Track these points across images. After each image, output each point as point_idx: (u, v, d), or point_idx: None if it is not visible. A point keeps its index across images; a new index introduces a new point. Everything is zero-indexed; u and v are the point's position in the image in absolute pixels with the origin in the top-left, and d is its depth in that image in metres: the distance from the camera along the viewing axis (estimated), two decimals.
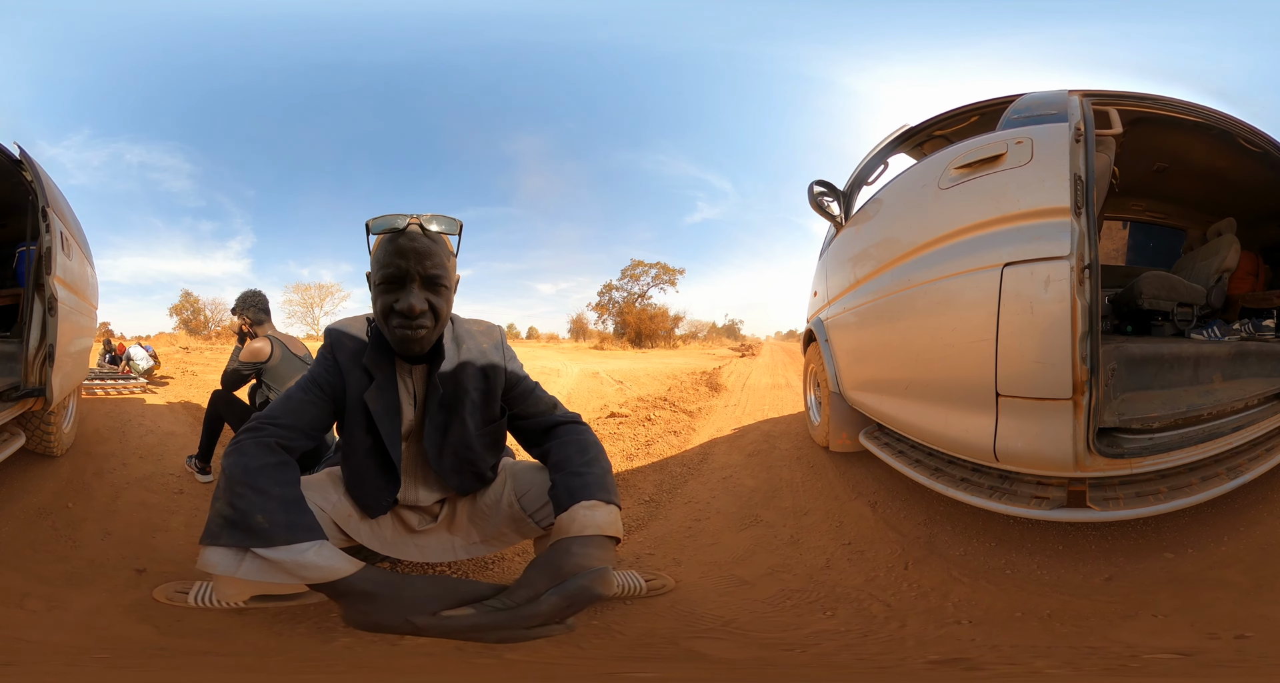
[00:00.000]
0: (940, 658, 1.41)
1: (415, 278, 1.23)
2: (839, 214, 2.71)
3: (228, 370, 2.71)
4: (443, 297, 1.27)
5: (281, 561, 1.06)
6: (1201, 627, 1.44)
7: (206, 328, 20.34)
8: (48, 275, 2.26)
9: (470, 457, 1.44)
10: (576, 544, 1.10)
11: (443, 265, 1.25)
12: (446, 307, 1.28)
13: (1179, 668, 1.32)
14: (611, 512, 1.18)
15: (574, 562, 1.06)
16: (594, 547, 1.10)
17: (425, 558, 1.52)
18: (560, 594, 1.02)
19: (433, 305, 1.25)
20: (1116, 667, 1.32)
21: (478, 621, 1.01)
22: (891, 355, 2.22)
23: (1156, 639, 1.40)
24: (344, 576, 1.05)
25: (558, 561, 1.07)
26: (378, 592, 1.03)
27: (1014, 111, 1.89)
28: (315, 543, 1.08)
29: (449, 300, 1.29)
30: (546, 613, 1.01)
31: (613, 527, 1.16)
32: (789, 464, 2.91)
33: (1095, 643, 1.41)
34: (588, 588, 1.03)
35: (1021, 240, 1.61)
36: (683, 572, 1.95)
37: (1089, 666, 1.35)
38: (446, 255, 1.26)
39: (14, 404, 2.18)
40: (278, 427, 1.24)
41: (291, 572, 1.06)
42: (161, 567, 1.81)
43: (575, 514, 1.16)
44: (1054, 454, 1.58)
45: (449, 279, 1.28)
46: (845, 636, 1.54)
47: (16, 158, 2.39)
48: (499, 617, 1.00)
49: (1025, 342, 1.59)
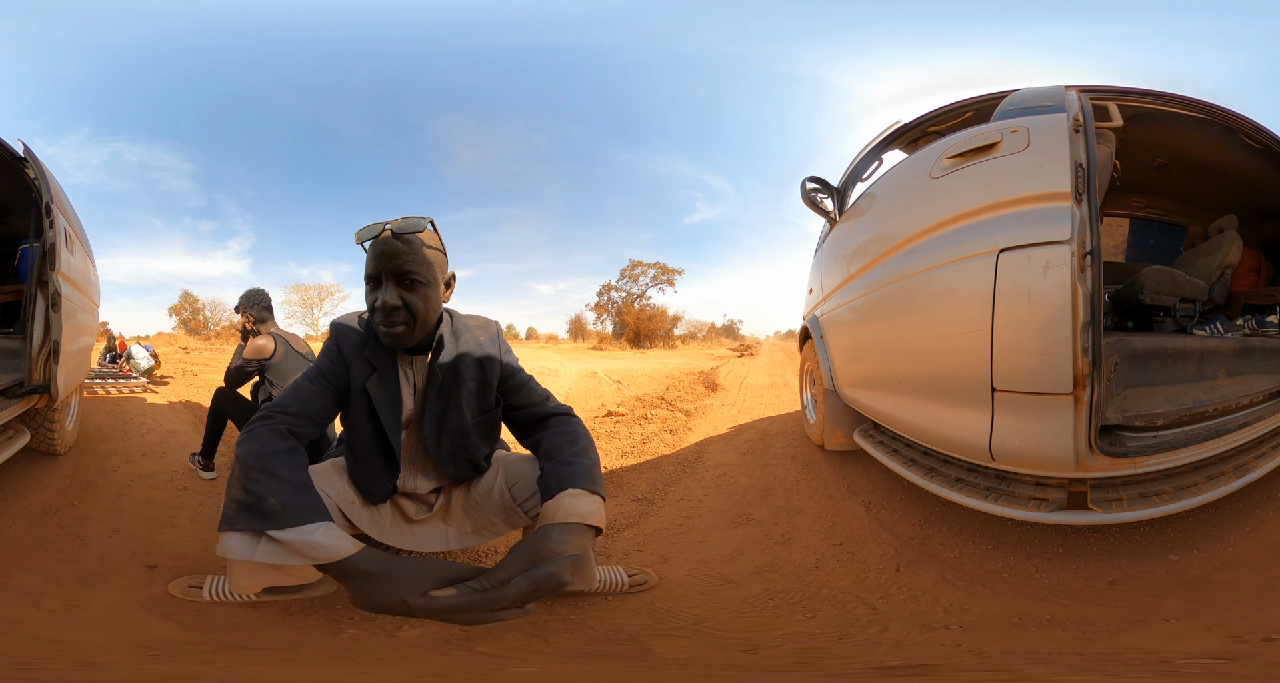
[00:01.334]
0: (903, 663, 1.36)
1: (390, 277, 1.30)
2: (832, 210, 2.67)
3: (231, 367, 2.73)
4: (418, 293, 1.32)
5: (292, 541, 1.10)
6: (1221, 630, 1.37)
7: (206, 328, 20.31)
8: (51, 272, 2.26)
9: (466, 444, 1.50)
10: (556, 531, 1.13)
11: (414, 262, 1.30)
12: (423, 302, 1.32)
13: (1221, 671, 1.25)
14: (595, 501, 1.21)
15: (550, 548, 1.09)
16: (572, 535, 1.13)
17: (421, 547, 1.57)
18: (528, 579, 1.05)
19: (407, 302, 1.31)
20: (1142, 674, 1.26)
21: (454, 601, 1.04)
22: (884, 350, 2.16)
23: (1177, 644, 1.33)
24: (347, 555, 1.09)
25: (535, 546, 1.10)
26: (377, 572, 1.07)
27: (1009, 104, 1.84)
28: (322, 524, 1.12)
29: (425, 296, 1.33)
30: (513, 597, 1.04)
31: (595, 516, 1.18)
32: (784, 462, 2.86)
33: (1104, 649, 1.34)
34: (555, 575, 1.06)
35: (1018, 226, 1.54)
36: (669, 569, 1.91)
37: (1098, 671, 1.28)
38: (420, 254, 1.31)
39: (19, 400, 2.19)
40: (287, 414, 1.30)
41: (302, 552, 1.10)
42: (171, 562, 1.83)
43: (560, 502, 1.19)
44: (1053, 453, 1.51)
45: (423, 274, 1.32)
46: (818, 638, 1.50)
47: (20, 155, 2.39)
48: (472, 598, 1.04)
49: (1022, 332, 1.51)
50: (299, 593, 1.60)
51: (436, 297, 1.36)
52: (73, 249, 2.58)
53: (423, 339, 1.40)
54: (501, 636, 1.49)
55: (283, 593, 1.58)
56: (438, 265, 1.36)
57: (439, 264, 1.37)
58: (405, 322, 1.32)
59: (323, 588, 1.62)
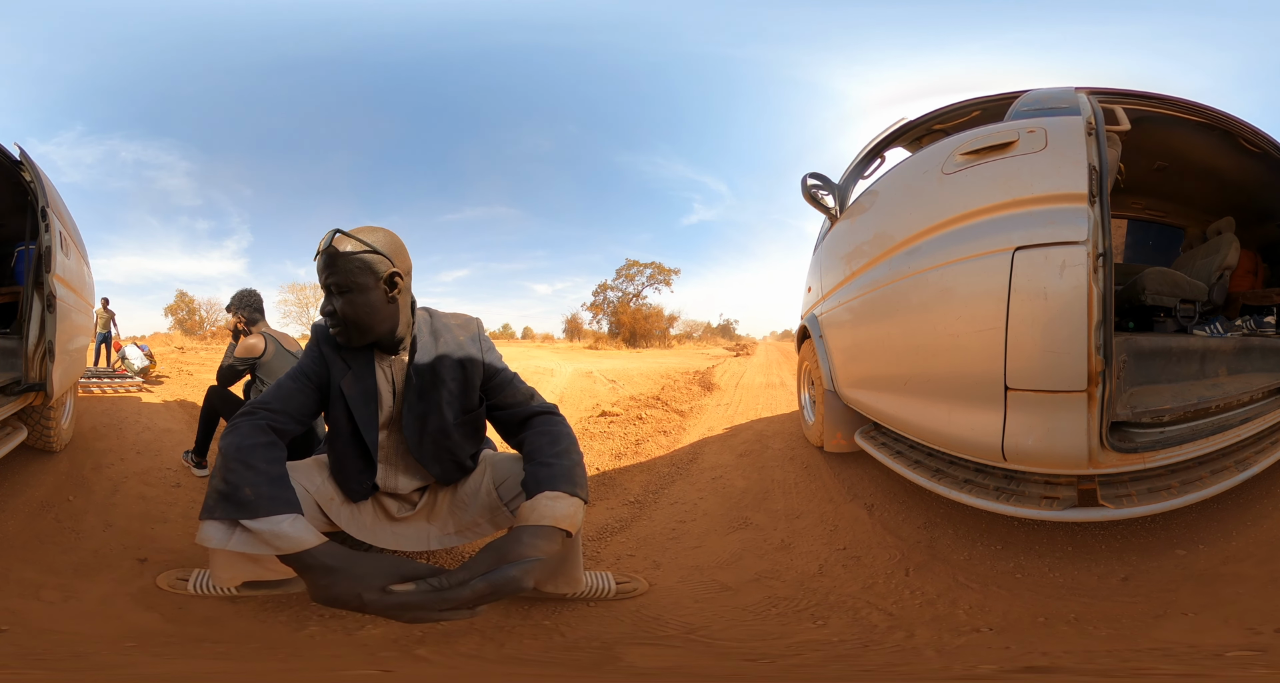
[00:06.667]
0: (1022, 667, 1.32)
1: (326, 287, 1.37)
2: (833, 207, 2.64)
3: (223, 366, 2.78)
4: (345, 299, 1.35)
5: (261, 531, 1.13)
6: (1236, 623, 1.38)
7: (202, 328, 20.02)
8: (47, 274, 2.32)
9: (449, 445, 1.51)
10: (527, 533, 1.14)
11: (337, 273, 1.34)
12: (350, 307, 1.35)
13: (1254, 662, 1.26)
14: (573, 503, 1.21)
15: (517, 550, 1.10)
16: (541, 538, 1.13)
17: (401, 546, 1.57)
18: (486, 581, 1.05)
19: (338, 308, 1.36)
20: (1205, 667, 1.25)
21: (406, 599, 1.05)
22: (889, 350, 2.14)
23: (1203, 638, 1.33)
24: (308, 547, 1.11)
25: (504, 547, 1.11)
26: (336, 566, 1.09)
27: (1022, 104, 1.85)
28: (290, 516, 1.14)
29: (353, 302, 1.35)
30: (467, 598, 1.04)
31: (568, 519, 1.18)
32: (782, 465, 2.83)
33: (1144, 645, 1.34)
34: (515, 579, 1.06)
35: (1035, 224, 1.53)
36: (661, 575, 1.87)
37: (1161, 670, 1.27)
38: (343, 263, 1.34)
39: (16, 398, 2.25)
40: (269, 411, 1.34)
41: (268, 542, 1.12)
42: (162, 556, 1.88)
43: (536, 503, 1.20)
44: (1066, 451, 1.51)
45: (347, 282, 1.34)
46: (838, 646, 1.46)
47: (16, 158, 2.43)
48: (425, 597, 1.04)
49: (1038, 331, 1.51)
50: (279, 589, 1.62)
51: (369, 299, 1.36)
52: (68, 251, 2.63)
53: (388, 339, 1.42)
54: (458, 638, 1.48)
55: (262, 588, 1.61)
56: (370, 268, 1.35)
57: (373, 266, 1.35)
58: (337, 325, 1.38)
59: (300, 585, 1.61)
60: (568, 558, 1.51)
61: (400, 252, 1.40)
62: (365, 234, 1.36)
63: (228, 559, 1.33)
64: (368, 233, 1.36)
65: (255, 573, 1.36)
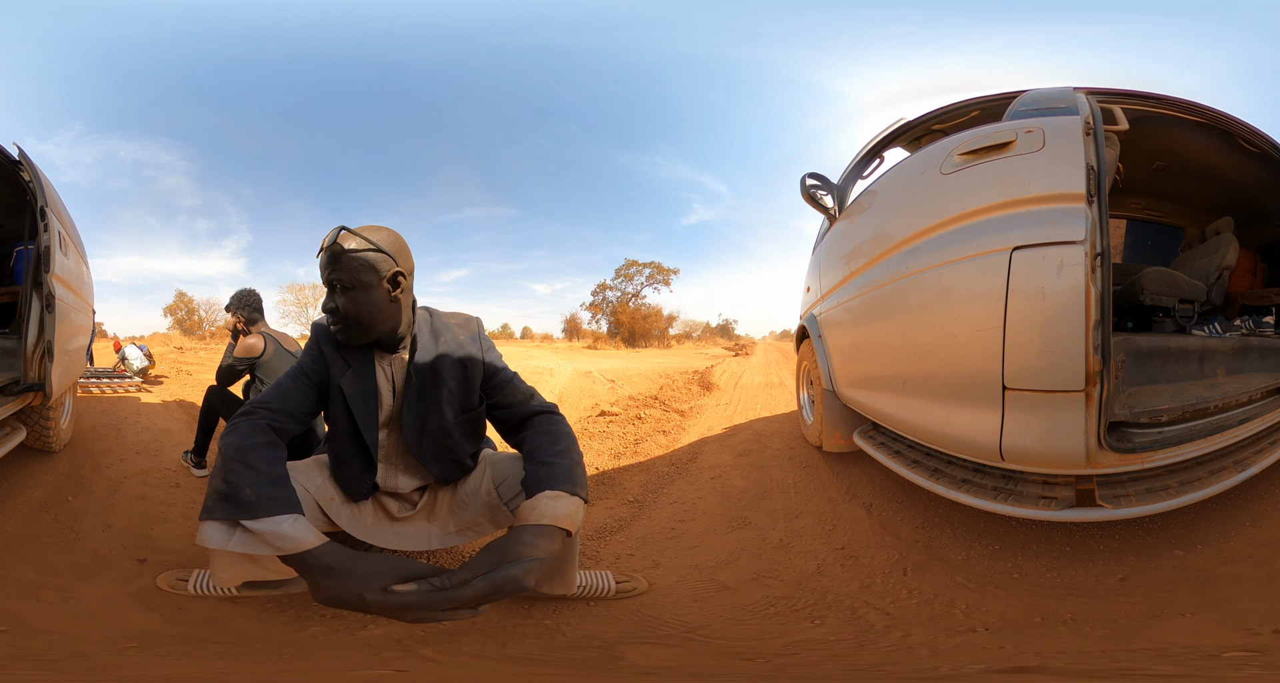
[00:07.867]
0: (1011, 667, 1.32)
1: (328, 284, 1.37)
2: (832, 207, 2.64)
3: (222, 366, 2.77)
4: (346, 297, 1.35)
5: (262, 531, 1.12)
6: (1234, 623, 1.38)
7: (201, 328, 20.01)
8: (46, 274, 2.32)
9: (449, 445, 1.51)
10: (527, 533, 1.13)
11: (339, 270, 1.34)
12: (351, 304, 1.36)
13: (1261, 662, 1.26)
14: (573, 503, 1.21)
15: (518, 550, 1.10)
16: (542, 537, 1.13)
17: (401, 546, 1.56)
18: (487, 581, 1.05)
19: (339, 305, 1.36)
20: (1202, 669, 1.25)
21: (407, 599, 1.05)
22: (888, 350, 2.14)
23: (1201, 639, 1.34)
24: (309, 548, 1.10)
25: (505, 547, 1.11)
26: (337, 566, 1.08)
27: (1021, 104, 1.85)
28: (291, 516, 1.14)
29: (354, 299, 1.36)
30: (468, 598, 1.04)
31: (569, 518, 1.18)
32: (780, 464, 2.83)
33: (1139, 645, 1.34)
34: (516, 578, 1.06)
35: (1032, 224, 1.53)
36: (660, 574, 1.87)
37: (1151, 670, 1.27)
38: (345, 261, 1.34)
39: (15, 398, 2.25)
40: (269, 411, 1.34)
41: (269, 542, 1.12)
42: (161, 556, 1.87)
43: (537, 503, 1.20)
44: (1065, 450, 1.51)
45: (349, 279, 1.35)
46: (834, 645, 1.47)
47: (15, 158, 2.42)
48: (427, 597, 1.04)
49: (1036, 331, 1.51)
50: (279, 589, 1.61)
51: (372, 298, 1.36)
52: (66, 251, 2.63)
53: (388, 337, 1.42)
54: (461, 638, 1.48)
55: (262, 588, 1.61)
56: (374, 266, 1.35)
57: (375, 265, 1.35)
58: (339, 322, 1.38)
59: (301, 585, 1.62)
60: (565, 558, 1.51)
61: (404, 251, 1.40)
62: (370, 232, 1.36)
63: (228, 560, 1.32)
64: (372, 231, 1.37)
65: (255, 573, 1.36)
